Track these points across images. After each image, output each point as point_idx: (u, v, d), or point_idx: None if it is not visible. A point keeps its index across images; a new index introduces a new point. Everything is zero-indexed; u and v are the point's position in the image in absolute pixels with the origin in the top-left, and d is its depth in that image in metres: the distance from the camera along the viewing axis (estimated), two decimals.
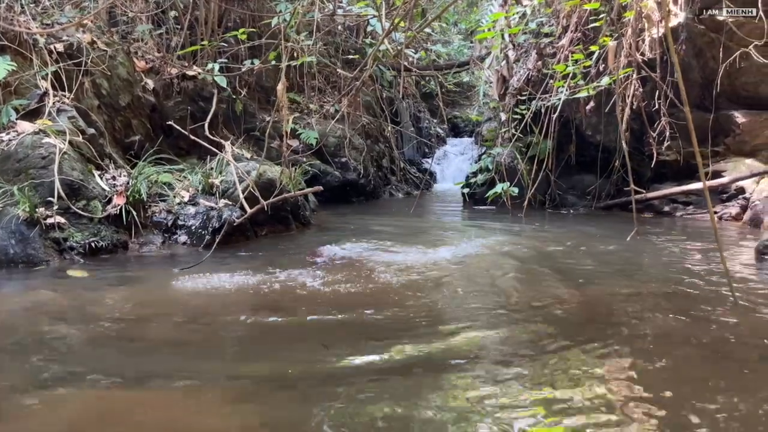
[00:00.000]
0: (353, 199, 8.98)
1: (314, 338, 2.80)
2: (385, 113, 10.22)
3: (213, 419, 2.01)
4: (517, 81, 7.94)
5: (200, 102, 7.28)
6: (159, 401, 2.16)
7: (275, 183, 5.86)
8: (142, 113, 6.55)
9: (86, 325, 3.06)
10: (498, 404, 2.03)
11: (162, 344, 2.81)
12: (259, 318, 3.14)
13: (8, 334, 2.96)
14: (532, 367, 2.37)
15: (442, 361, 2.47)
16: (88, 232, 4.71)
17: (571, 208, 7.77)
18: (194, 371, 2.42)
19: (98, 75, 5.94)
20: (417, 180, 10.72)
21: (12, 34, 5.35)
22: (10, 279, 4.15)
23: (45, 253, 4.46)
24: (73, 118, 5.27)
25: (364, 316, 3.12)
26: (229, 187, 5.75)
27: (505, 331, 2.84)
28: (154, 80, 6.85)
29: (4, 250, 4.42)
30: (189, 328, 3.04)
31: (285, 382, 2.30)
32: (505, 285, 3.83)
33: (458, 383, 2.25)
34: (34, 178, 4.70)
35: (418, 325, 2.94)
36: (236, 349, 2.80)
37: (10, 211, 4.48)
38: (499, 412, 1.97)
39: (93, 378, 2.35)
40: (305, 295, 3.57)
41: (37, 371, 2.45)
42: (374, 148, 9.76)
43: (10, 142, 4.81)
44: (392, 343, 2.67)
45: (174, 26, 7.50)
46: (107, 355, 2.65)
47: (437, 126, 12.88)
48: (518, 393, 2.12)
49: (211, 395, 2.19)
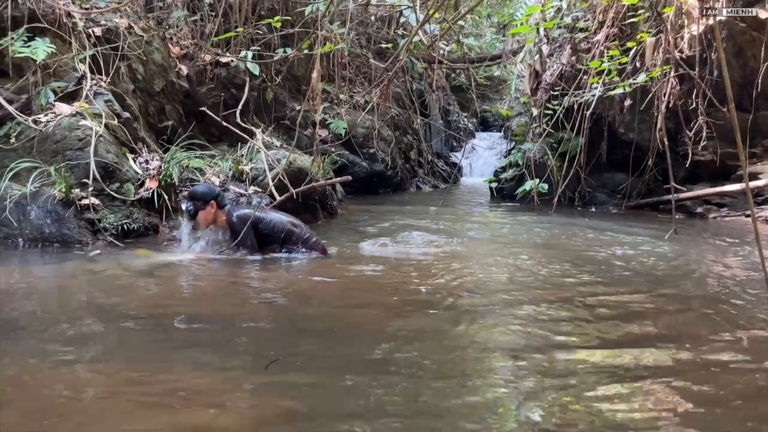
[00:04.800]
0: (380, 191, 8.98)
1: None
2: (415, 105, 10.19)
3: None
4: (550, 76, 7.84)
5: (232, 89, 7.33)
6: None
7: (304, 171, 5.89)
8: (175, 99, 6.62)
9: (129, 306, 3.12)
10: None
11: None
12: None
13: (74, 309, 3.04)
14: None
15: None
16: (120, 214, 4.79)
17: (601, 206, 7.67)
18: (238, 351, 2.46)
19: (134, 60, 6.02)
20: (444, 173, 10.67)
21: (52, 17, 5.44)
22: (50, 256, 4.25)
23: (79, 233, 4.56)
24: (109, 101, 5.35)
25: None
26: (259, 175, 5.80)
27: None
28: (188, 66, 6.92)
29: (39, 229, 4.53)
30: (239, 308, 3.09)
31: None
32: (532, 284, 3.80)
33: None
34: (71, 159, 4.80)
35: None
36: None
37: (46, 191, 4.58)
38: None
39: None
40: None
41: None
42: (402, 140, 9.74)
43: (48, 124, 4.91)
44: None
45: (209, 13, 7.56)
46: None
47: (466, 119, 12.80)
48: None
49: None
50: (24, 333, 2.71)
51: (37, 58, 4.98)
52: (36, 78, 5.20)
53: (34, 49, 5.02)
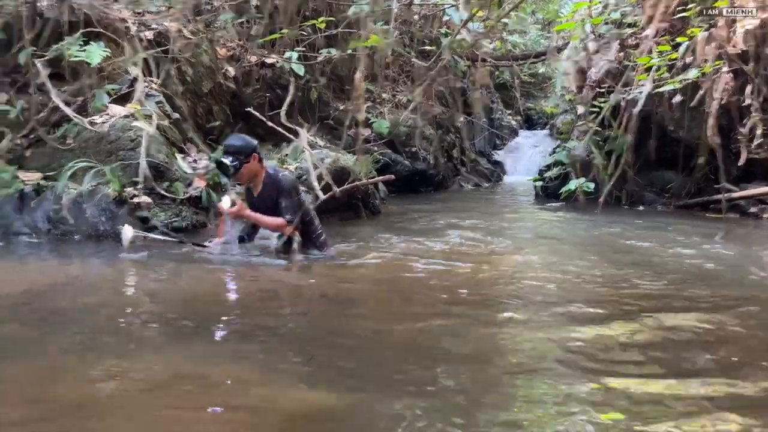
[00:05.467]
0: (422, 189, 8.99)
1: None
2: (458, 103, 10.15)
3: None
4: (596, 73, 7.69)
5: (277, 90, 7.45)
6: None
7: (348, 171, 5.96)
8: (222, 100, 6.79)
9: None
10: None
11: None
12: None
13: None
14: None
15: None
16: (170, 212, 4.95)
17: (649, 205, 7.48)
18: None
19: (183, 62, 6.20)
20: (487, 172, 10.60)
21: (106, 22, 5.65)
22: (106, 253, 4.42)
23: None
24: (160, 103, 5.53)
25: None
26: (303, 174, 5.88)
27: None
28: (234, 68, 7.07)
29: (95, 226, 4.72)
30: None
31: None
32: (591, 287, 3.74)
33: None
34: (124, 159, 4.98)
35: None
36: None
37: (101, 189, 4.77)
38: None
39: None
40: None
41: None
42: (445, 139, 9.73)
43: (103, 125, 5.11)
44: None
45: (255, 15, 7.70)
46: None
47: (510, 117, 12.67)
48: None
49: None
50: (74, 324, 2.85)
51: (92, 62, 5.18)
52: (91, 81, 5.41)
53: (90, 54, 5.22)
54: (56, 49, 5.25)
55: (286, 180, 4.08)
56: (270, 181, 4.04)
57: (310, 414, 1.95)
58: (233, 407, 1.98)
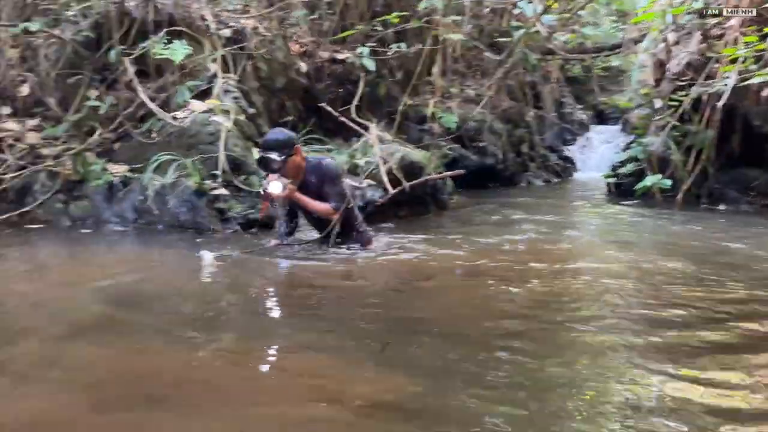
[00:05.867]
0: (490, 185, 8.88)
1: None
2: (527, 97, 9.97)
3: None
4: (677, 65, 7.37)
5: (348, 85, 7.55)
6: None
7: (417, 165, 5.98)
8: (295, 95, 6.95)
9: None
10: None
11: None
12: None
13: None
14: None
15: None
16: (246, 204, 5.12)
17: (731, 204, 7.12)
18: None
19: (259, 59, 6.38)
20: (557, 167, 10.36)
21: (188, 21, 5.89)
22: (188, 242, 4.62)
23: (210, 221, 4.93)
24: (237, 98, 5.72)
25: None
26: (373, 168, 5.94)
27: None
28: (307, 63, 7.22)
29: (176, 216, 4.95)
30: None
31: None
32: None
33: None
34: (203, 153, 5.19)
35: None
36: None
37: (183, 182, 5.00)
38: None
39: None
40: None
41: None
42: (514, 134, 9.57)
43: (185, 120, 5.33)
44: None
45: (327, 11, 7.83)
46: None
47: (581, 112, 12.33)
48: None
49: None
50: (155, 308, 3.01)
51: (176, 59, 5.41)
52: (174, 78, 5.66)
53: (173, 51, 5.46)
54: (142, 48, 5.52)
55: (330, 166, 4.00)
56: (313, 169, 3.93)
57: (385, 402, 2.01)
58: (312, 394, 2.05)
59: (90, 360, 2.36)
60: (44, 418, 1.86)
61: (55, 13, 5.88)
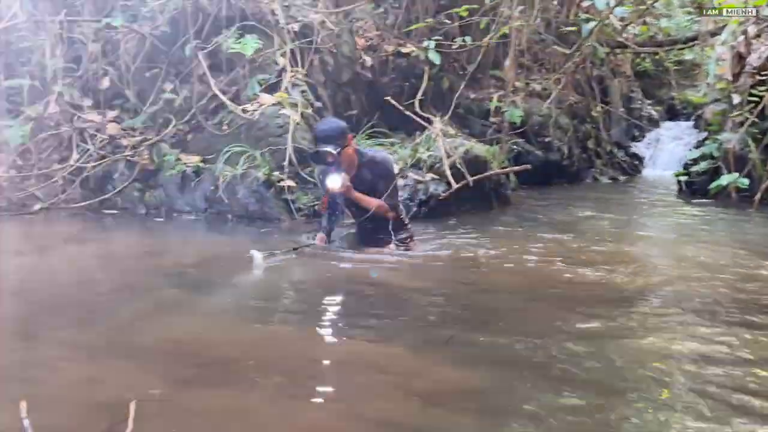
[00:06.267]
0: (554, 181, 8.72)
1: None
2: (594, 92, 9.71)
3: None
4: (757, 59, 7.02)
5: (412, 79, 7.55)
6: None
7: (481, 159, 5.94)
8: (359, 89, 7.00)
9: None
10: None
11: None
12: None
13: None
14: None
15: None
16: (312, 195, 5.22)
17: None
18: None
19: (325, 53, 6.46)
20: (624, 164, 10.06)
21: (258, 15, 6.03)
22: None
23: (277, 211, 5.06)
24: (305, 92, 5.83)
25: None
26: (436, 162, 5.94)
27: None
28: (371, 57, 7.26)
29: (245, 206, 5.11)
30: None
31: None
32: None
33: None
34: (272, 145, 5.32)
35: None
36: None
37: (252, 173, 5.14)
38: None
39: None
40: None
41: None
42: (580, 129, 9.35)
43: (254, 113, 5.48)
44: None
45: (392, 5, 7.85)
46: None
47: (651, 107, 11.90)
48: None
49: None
50: (220, 293, 3.12)
51: (247, 53, 5.56)
52: (244, 71, 5.81)
53: (244, 45, 5.61)
54: (215, 42, 5.69)
55: (386, 162, 3.84)
56: (368, 162, 3.77)
57: (452, 391, 2.05)
58: (381, 384, 2.09)
59: (165, 337, 2.51)
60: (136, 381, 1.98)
61: (133, 8, 6.14)
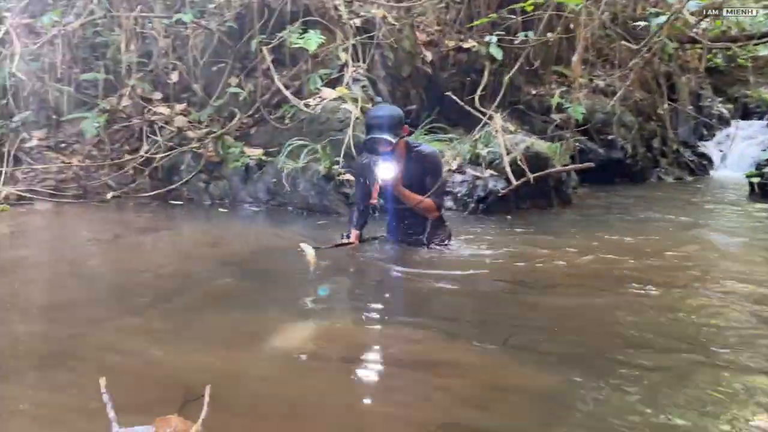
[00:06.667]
0: (616, 180, 8.50)
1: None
2: (661, 89, 9.39)
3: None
4: None
5: (472, 74, 7.50)
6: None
7: (542, 156, 5.84)
8: (419, 84, 7.00)
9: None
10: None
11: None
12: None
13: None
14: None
15: None
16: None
17: None
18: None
19: (386, 48, 6.49)
20: (691, 164, 9.70)
21: (322, 11, 6.11)
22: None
23: (336, 205, 5.12)
24: (365, 87, 5.87)
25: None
26: (495, 158, 5.88)
27: None
28: (432, 52, 7.24)
29: (305, 199, 5.19)
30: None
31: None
32: None
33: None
34: (333, 138, 5.38)
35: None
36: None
37: (312, 166, 5.22)
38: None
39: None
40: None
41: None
42: (645, 127, 9.07)
43: (316, 107, 5.56)
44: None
45: (453, 0, 7.80)
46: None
47: (721, 105, 11.42)
48: None
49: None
50: (278, 284, 3.17)
51: (310, 48, 5.64)
52: (307, 66, 5.91)
53: (308, 40, 5.69)
54: (279, 37, 5.80)
55: (434, 156, 3.61)
56: (417, 155, 3.56)
57: (512, 387, 2.05)
58: (442, 383, 2.09)
59: (217, 325, 2.58)
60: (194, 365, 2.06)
61: (201, 5, 6.32)
